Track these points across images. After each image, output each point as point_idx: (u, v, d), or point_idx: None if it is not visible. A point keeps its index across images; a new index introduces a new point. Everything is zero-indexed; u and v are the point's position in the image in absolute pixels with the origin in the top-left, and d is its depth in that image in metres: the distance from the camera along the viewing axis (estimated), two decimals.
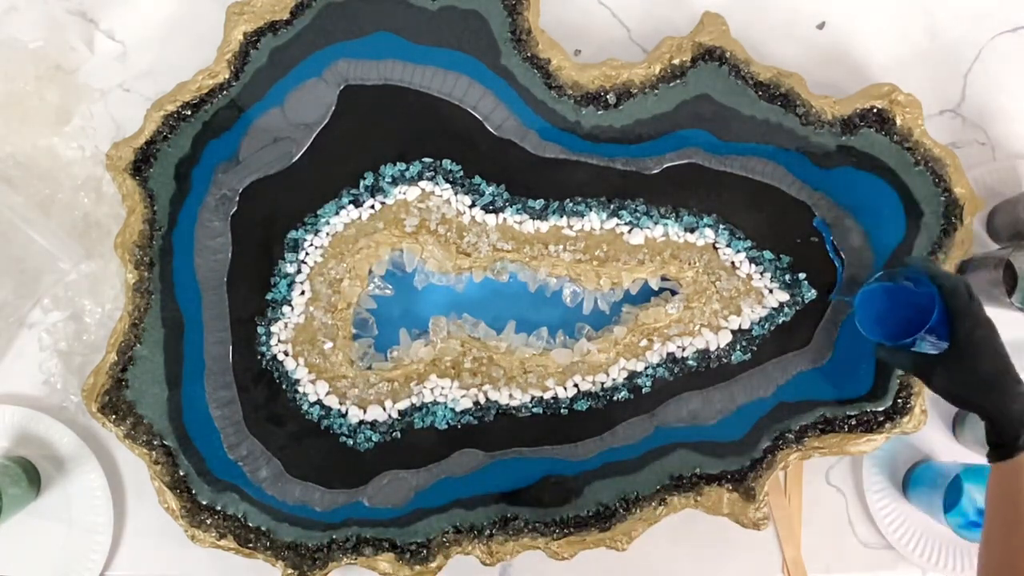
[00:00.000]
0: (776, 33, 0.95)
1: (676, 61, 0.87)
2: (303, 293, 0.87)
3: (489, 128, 0.87)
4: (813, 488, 0.91)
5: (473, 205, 0.87)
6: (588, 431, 0.86)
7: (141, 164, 0.87)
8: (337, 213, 0.87)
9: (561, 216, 0.87)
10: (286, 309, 0.87)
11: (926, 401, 0.86)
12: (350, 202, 0.87)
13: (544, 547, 0.85)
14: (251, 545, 0.85)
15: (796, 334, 0.87)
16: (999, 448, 0.71)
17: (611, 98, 0.87)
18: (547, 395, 0.86)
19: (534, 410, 0.86)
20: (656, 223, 0.87)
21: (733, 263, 0.87)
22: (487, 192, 0.87)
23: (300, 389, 0.86)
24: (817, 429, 0.86)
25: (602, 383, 0.86)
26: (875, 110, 0.87)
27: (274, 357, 0.87)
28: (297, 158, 0.87)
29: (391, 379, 0.87)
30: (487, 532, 0.85)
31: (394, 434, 0.86)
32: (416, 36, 0.88)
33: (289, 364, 0.87)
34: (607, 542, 0.84)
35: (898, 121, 0.87)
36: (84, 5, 0.95)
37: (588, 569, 0.88)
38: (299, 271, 0.87)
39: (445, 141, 0.87)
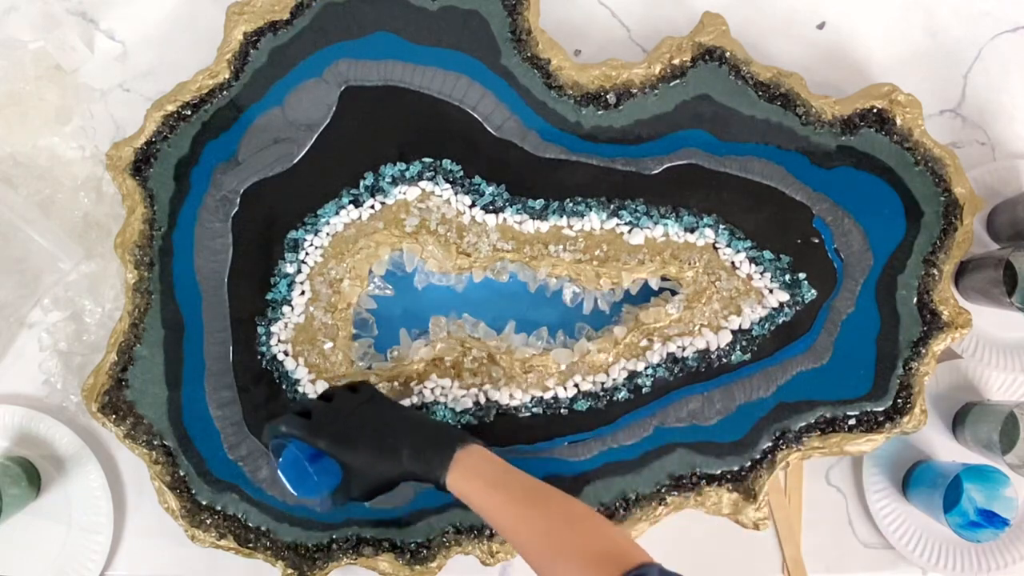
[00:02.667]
0: (776, 33, 0.95)
1: (676, 61, 0.87)
2: (303, 293, 0.87)
3: (489, 128, 0.87)
4: (813, 488, 0.91)
5: (473, 205, 0.87)
6: (588, 431, 0.86)
7: (141, 164, 0.87)
8: (337, 213, 0.87)
9: (561, 216, 0.87)
10: (286, 309, 0.87)
11: (926, 401, 0.86)
12: (350, 202, 0.87)
13: None
14: (251, 545, 0.85)
15: (796, 334, 0.87)
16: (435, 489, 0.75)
17: (611, 98, 0.87)
18: (547, 395, 0.86)
19: (534, 410, 0.86)
20: (656, 223, 0.87)
21: (733, 263, 0.87)
22: (487, 192, 0.87)
23: (300, 389, 0.86)
24: (817, 429, 0.86)
25: (602, 383, 0.86)
26: (875, 110, 0.87)
27: (274, 357, 0.87)
28: (298, 159, 0.87)
29: (391, 379, 0.87)
30: (487, 532, 0.85)
31: None
32: (416, 36, 0.88)
33: (289, 364, 0.87)
34: None
35: (898, 121, 0.87)
36: (84, 5, 0.95)
37: None
38: (299, 271, 0.87)
39: (445, 141, 0.87)
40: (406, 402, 0.86)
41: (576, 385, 0.87)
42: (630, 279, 0.88)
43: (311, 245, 0.87)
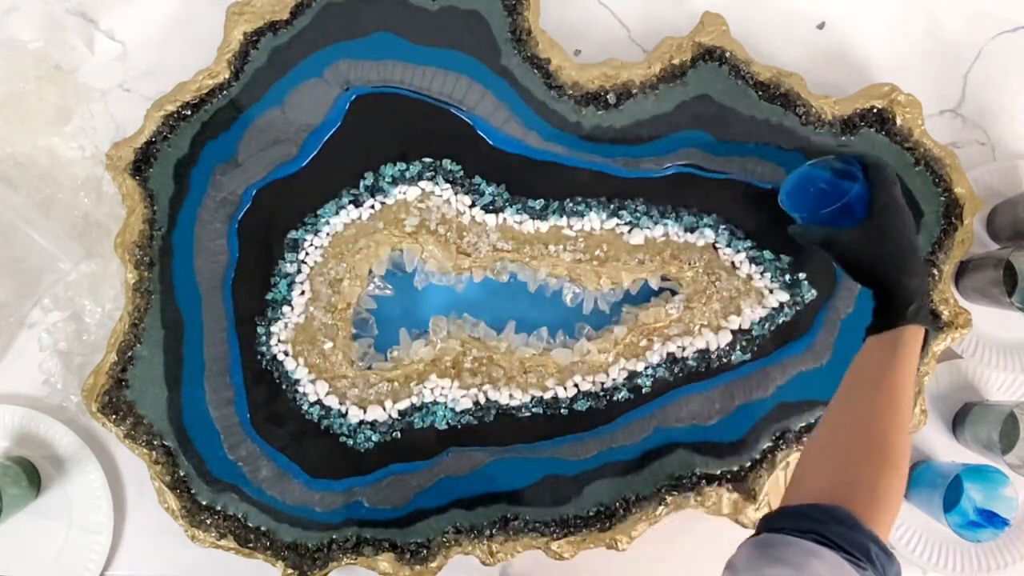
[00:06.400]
0: (776, 33, 0.94)
1: (676, 61, 0.87)
2: (303, 293, 0.87)
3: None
4: None
5: (473, 205, 0.87)
6: (588, 431, 0.86)
7: (141, 164, 0.87)
8: (337, 213, 0.87)
9: (561, 216, 0.87)
10: (286, 309, 0.87)
11: (926, 401, 0.86)
12: (350, 202, 0.87)
13: (544, 547, 0.85)
14: (251, 545, 0.85)
15: (796, 334, 0.87)
16: (884, 318, 0.72)
17: (611, 98, 0.87)
18: (547, 395, 0.86)
19: (534, 410, 0.86)
20: (656, 223, 0.87)
21: (733, 263, 0.87)
22: (487, 192, 0.87)
23: (300, 389, 0.86)
24: None
25: (602, 383, 0.86)
26: (875, 110, 0.87)
27: (274, 357, 0.87)
28: (297, 159, 0.87)
29: (391, 379, 0.87)
30: (487, 532, 0.85)
31: (394, 434, 0.86)
32: (416, 36, 0.88)
33: (289, 364, 0.87)
34: (607, 542, 0.85)
35: (898, 121, 0.87)
36: (84, 5, 0.95)
37: (588, 569, 0.88)
38: (299, 271, 0.87)
39: (445, 141, 0.87)
40: (406, 402, 0.86)
41: (576, 385, 0.86)
42: (630, 279, 0.88)
43: (311, 245, 0.87)
